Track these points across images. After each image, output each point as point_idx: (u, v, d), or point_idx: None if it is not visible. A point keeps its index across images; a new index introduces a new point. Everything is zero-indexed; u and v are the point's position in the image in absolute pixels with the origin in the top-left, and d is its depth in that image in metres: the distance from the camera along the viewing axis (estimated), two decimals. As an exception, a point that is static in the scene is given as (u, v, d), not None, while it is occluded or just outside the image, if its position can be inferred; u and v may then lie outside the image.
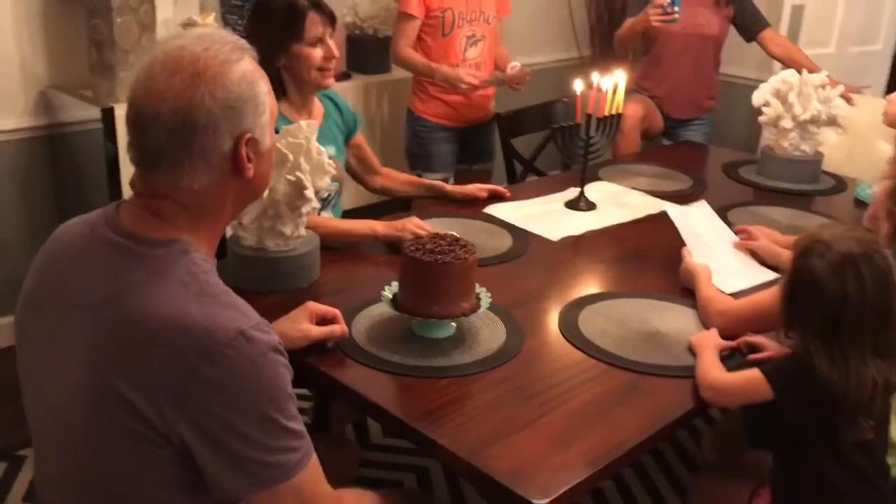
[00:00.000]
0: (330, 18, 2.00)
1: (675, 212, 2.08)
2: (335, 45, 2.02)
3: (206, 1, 3.07)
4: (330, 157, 2.10)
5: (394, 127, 3.46)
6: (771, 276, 1.87)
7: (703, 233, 2.02)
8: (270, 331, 1.04)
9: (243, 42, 1.10)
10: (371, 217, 2.01)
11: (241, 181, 1.10)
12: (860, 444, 1.37)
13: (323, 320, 1.49)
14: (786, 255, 1.84)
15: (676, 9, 2.93)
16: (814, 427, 1.37)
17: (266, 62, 1.77)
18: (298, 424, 1.06)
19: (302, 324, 1.45)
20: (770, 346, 1.54)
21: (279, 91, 2.03)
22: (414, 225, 1.91)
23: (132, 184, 1.11)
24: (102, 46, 2.56)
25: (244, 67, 1.08)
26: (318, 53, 1.99)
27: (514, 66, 2.99)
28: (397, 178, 2.38)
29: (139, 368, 0.99)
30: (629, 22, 3.15)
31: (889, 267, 1.34)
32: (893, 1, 4.08)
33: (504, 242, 2.05)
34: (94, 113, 2.58)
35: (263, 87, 1.11)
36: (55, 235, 1.16)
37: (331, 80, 2.05)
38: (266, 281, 1.70)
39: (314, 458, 1.08)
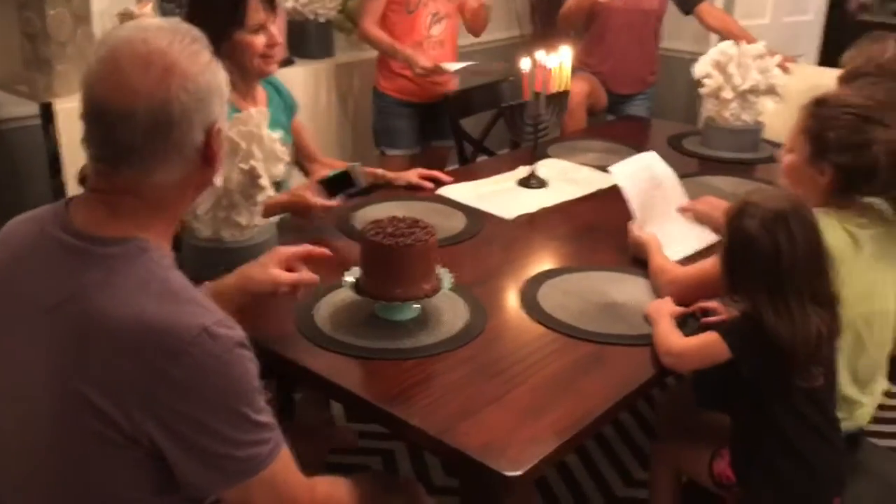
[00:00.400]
0: (271, 5, 1.98)
1: (620, 175, 1.99)
2: (278, 32, 2.00)
3: (142, -10, 2.99)
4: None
5: (338, 111, 3.45)
6: (713, 239, 1.92)
7: (650, 193, 2.00)
8: (235, 325, 1.03)
9: (197, 31, 1.09)
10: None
11: (206, 172, 1.10)
12: (812, 396, 1.43)
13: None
14: None
15: None
16: (768, 382, 1.43)
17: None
18: (267, 416, 1.05)
19: (270, 267, 1.40)
20: (723, 309, 1.59)
21: None
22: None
23: (83, 180, 1.09)
24: (36, 39, 2.48)
25: (206, 58, 1.07)
26: (260, 40, 1.97)
27: None
28: (337, 167, 2.35)
29: (103, 372, 0.97)
30: None
31: (815, 222, 1.42)
32: (823, -29, 4.19)
33: (458, 223, 2.06)
34: (32, 108, 2.51)
35: (223, 74, 1.10)
36: (1, 237, 1.13)
37: (274, 67, 2.03)
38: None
39: (284, 449, 1.08)
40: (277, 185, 2.06)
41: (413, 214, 1.63)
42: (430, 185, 2.29)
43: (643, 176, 2.02)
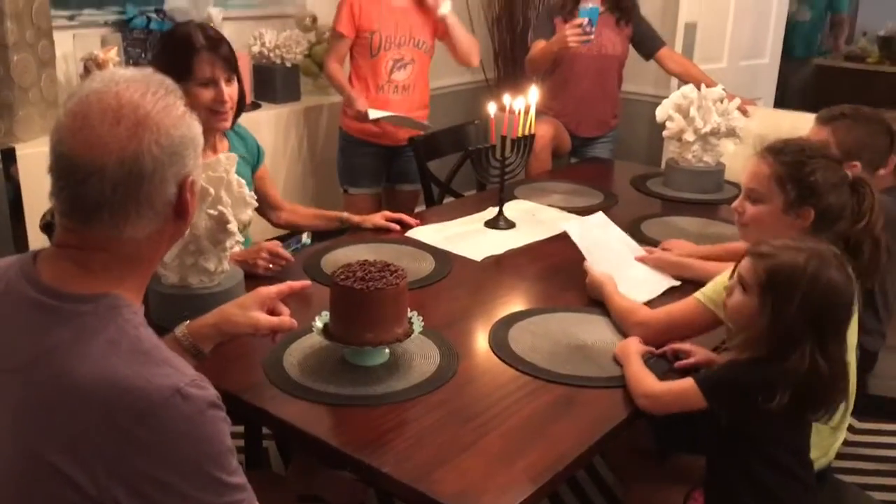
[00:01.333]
0: (226, 63, 1.97)
1: (572, 227, 2.07)
2: (231, 89, 1.99)
3: (107, 35, 3.00)
4: None
5: (304, 155, 3.45)
6: (674, 283, 1.96)
7: (604, 244, 2.06)
8: (207, 385, 1.00)
9: (170, 82, 1.07)
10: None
11: (179, 224, 1.08)
12: (791, 444, 1.43)
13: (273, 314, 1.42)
14: (698, 267, 1.92)
15: (593, 28, 3.01)
16: (748, 432, 1.42)
17: None
18: (240, 477, 1.02)
19: (251, 310, 1.37)
20: (696, 351, 1.60)
21: None
22: (266, 252, 1.89)
23: (46, 227, 1.06)
24: (-2, 85, 2.47)
25: (180, 110, 1.05)
26: (207, 94, 1.96)
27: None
28: (303, 213, 2.37)
29: (69, 434, 0.94)
30: (541, 44, 3.21)
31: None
32: (777, 17, 4.32)
33: (427, 265, 2.07)
34: (-7, 154, 2.47)
35: (197, 127, 1.08)
36: None
37: (225, 124, 2.02)
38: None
39: None
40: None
41: (381, 257, 1.63)
42: (396, 227, 2.29)
43: (595, 232, 2.08)
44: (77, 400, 0.94)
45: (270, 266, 1.90)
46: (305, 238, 1.99)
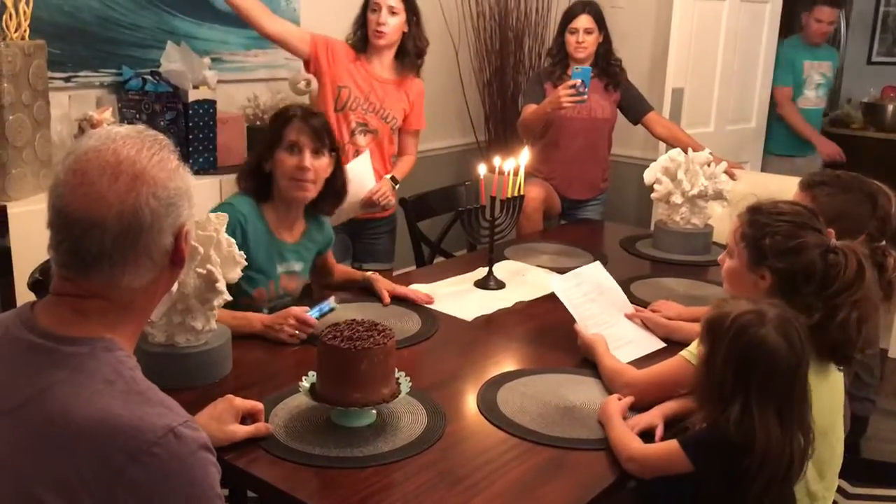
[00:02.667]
0: (314, 133, 2.04)
1: (556, 284, 2.06)
2: (318, 162, 2.05)
3: (102, 96, 3.04)
4: (294, 273, 2.14)
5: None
6: (661, 345, 1.97)
7: (591, 300, 2.05)
8: (199, 428, 1.02)
9: (163, 137, 1.11)
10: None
11: (174, 272, 1.11)
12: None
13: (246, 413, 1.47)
14: (687, 329, 1.93)
15: (586, 89, 3.04)
16: (733, 496, 1.40)
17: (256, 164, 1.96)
18: None
19: (228, 424, 1.43)
20: (654, 417, 1.58)
21: (265, 194, 2.09)
22: (294, 318, 1.88)
23: (34, 285, 1.08)
24: (-7, 144, 2.48)
25: (174, 163, 1.09)
26: (291, 161, 2.03)
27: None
28: (339, 272, 2.38)
29: (61, 472, 0.94)
30: (532, 107, 3.25)
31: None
32: (762, 82, 4.41)
33: (412, 325, 2.06)
34: (-16, 212, 2.47)
35: (191, 178, 1.12)
36: None
37: (304, 193, 2.07)
38: (177, 378, 1.64)
39: None
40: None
41: (367, 316, 1.63)
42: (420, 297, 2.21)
43: (583, 288, 2.08)
44: (71, 438, 0.95)
45: (296, 333, 1.88)
46: (333, 302, 1.97)
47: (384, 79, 2.93)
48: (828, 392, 1.59)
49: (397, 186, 2.96)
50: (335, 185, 2.16)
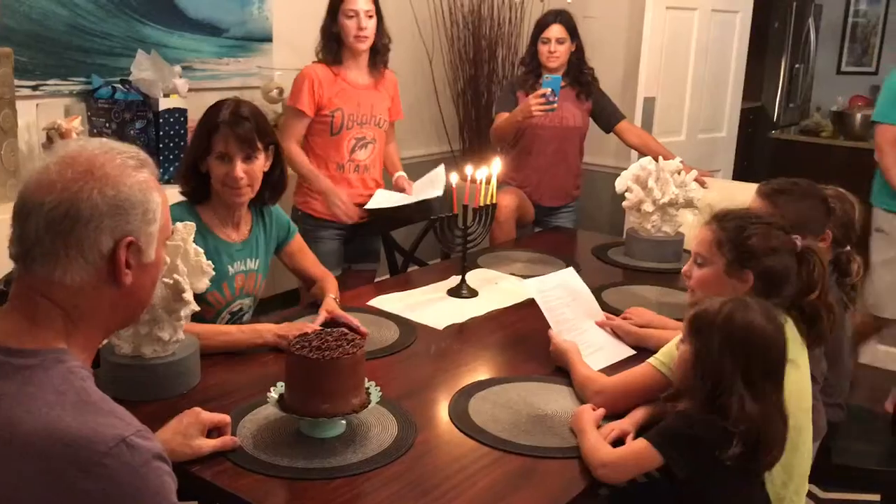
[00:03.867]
0: (241, 141, 1.99)
1: (532, 285, 2.07)
2: (250, 167, 2.01)
3: (71, 105, 3.00)
4: (250, 271, 2.09)
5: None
6: (631, 352, 1.98)
7: (564, 304, 2.06)
8: (153, 437, 1.00)
9: (146, 156, 1.10)
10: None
11: (118, 289, 1.07)
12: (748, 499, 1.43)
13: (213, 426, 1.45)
14: (657, 336, 1.94)
15: (556, 97, 3.09)
16: (705, 483, 1.41)
17: (192, 165, 1.86)
18: None
19: (193, 439, 1.41)
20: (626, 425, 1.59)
21: (204, 194, 2.06)
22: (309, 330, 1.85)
23: (8, 291, 1.07)
24: (-42, 153, 2.45)
25: (141, 177, 1.08)
26: (221, 169, 2.00)
27: (399, 175, 3.08)
28: (310, 269, 2.31)
29: (9, 488, 0.92)
30: (504, 116, 3.28)
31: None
32: (733, 92, 4.46)
33: (391, 334, 2.05)
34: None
35: (158, 199, 1.10)
36: None
37: (238, 199, 2.04)
38: (144, 390, 1.62)
39: None
40: (234, 315, 2.08)
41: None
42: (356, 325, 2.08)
43: (558, 292, 2.09)
44: (18, 451, 0.93)
45: None
46: None
47: (365, 85, 2.96)
48: (798, 392, 1.61)
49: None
50: (272, 178, 2.11)
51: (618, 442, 1.52)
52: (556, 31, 3.29)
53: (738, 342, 1.41)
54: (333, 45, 2.89)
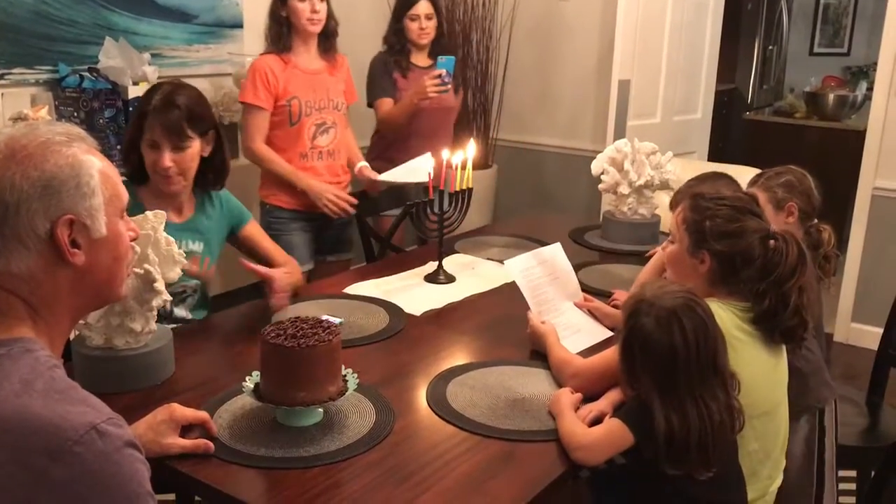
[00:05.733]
0: (168, 130, 1.95)
1: (513, 264, 2.05)
2: (180, 156, 1.98)
3: (38, 94, 2.95)
4: (193, 253, 2.05)
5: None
6: (608, 334, 1.98)
7: (544, 284, 2.05)
8: (124, 425, 0.98)
9: (80, 131, 1.08)
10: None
11: (71, 269, 1.06)
12: (712, 483, 1.43)
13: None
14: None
15: (451, 78, 3.10)
16: (665, 464, 1.42)
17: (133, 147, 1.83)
18: None
19: (164, 437, 1.37)
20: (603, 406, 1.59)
21: (144, 175, 2.02)
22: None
23: None
24: (-79, 144, 2.39)
25: (70, 151, 1.05)
26: (150, 157, 1.98)
27: (363, 165, 3.04)
28: (266, 251, 2.27)
29: None
30: (390, 101, 3.24)
31: (710, 315, 1.46)
32: (707, 75, 4.47)
33: (376, 319, 2.04)
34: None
35: (91, 170, 1.06)
36: None
37: (171, 188, 2.01)
38: (117, 381, 1.59)
39: None
40: (176, 296, 2.03)
41: (334, 312, 1.58)
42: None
43: (538, 271, 2.07)
44: None
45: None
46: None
47: (317, 69, 2.91)
48: (778, 374, 1.63)
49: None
50: (214, 162, 2.08)
51: (596, 424, 1.52)
52: (423, 7, 3.26)
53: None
54: (283, 29, 2.84)
